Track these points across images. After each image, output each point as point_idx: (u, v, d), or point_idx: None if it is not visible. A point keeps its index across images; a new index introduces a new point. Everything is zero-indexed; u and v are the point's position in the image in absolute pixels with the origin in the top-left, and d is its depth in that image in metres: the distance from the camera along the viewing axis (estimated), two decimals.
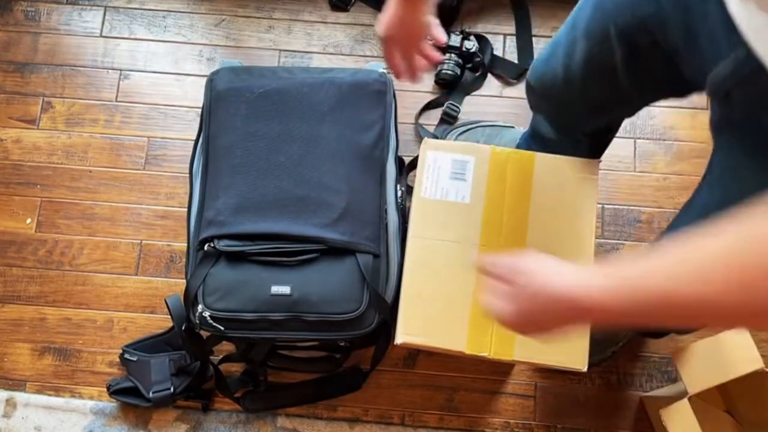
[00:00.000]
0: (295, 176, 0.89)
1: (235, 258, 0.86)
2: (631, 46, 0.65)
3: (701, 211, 0.68)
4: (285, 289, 0.84)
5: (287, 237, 0.86)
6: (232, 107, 0.92)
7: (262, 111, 0.92)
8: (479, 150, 0.88)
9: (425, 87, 1.26)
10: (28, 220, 1.20)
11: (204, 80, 0.97)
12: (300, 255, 0.86)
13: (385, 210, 0.92)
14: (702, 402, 0.94)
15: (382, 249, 0.89)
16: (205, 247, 0.87)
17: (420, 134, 1.21)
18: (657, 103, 1.23)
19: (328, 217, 0.87)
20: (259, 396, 1.07)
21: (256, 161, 0.90)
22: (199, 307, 0.85)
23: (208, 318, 0.85)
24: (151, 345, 1.09)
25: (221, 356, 1.07)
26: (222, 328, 0.86)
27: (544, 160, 0.87)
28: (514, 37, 1.28)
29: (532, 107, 0.94)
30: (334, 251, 0.86)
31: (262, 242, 0.86)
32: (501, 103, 1.24)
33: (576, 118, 0.87)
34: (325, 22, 1.29)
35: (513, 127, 1.19)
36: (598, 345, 1.05)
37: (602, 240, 1.17)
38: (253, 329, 0.86)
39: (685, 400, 0.87)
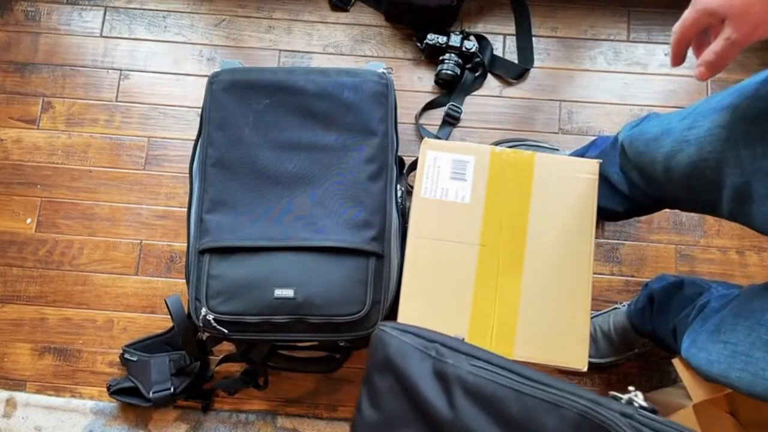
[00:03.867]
0: (302, 186, 0.89)
1: (238, 256, 0.87)
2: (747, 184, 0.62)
3: None
4: (288, 293, 0.84)
5: (292, 247, 0.87)
6: (239, 117, 0.92)
7: (268, 122, 0.92)
8: (479, 150, 0.88)
9: (425, 87, 1.26)
10: (28, 220, 1.20)
11: (204, 80, 0.97)
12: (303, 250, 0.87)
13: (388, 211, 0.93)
14: (706, 404, 0.94)
15: (386, 250, 0.90)
16: (207, 253, 0.88)
17: (420, 134, 1.22)
18: (657, 101, 1.23)
19: (333, 221, 0.87)
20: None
21: (263, 171, 0.90)
22: (203, 310, 0.85)
23: (212, 321, 0.85)
24: (151, 345, 1.10)
25: (221, 356, 1.07)
26: (226, 332, 0.86)
27: (544, 160, 0.87)
28: (514, 37, 1.28)
29: (619, 162, 0.90)
30: (338, 252, 0.86)
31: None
32: (501, 103, 1.25)
33: (657, 193, 0.84)
34: (325, 22, 1.29)
35: (557, 150, 1.18)
36: (615, 349, 1.04)
37: (602, 240, 1.17)
38: (257, 332, 0.86)
39: (690, 408, 0.87)
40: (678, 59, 0.63)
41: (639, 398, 0.54)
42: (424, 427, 0.60)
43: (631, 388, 0.55)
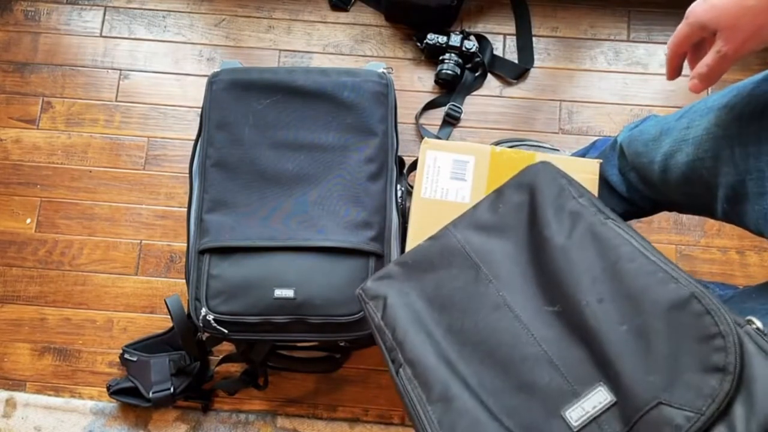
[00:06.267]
0: (302, 186, 0.89)
1: (238, 256, 0.87)
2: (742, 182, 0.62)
3: None
4: (289, 293, 0.84)
5: (292, 247, 0.87)
6: (239, 117, 0.92)
7: (268, 122, 0.92)
8: (479, 150, 0.88)
9: (425, 87, 1.26)
10: (28, 220, 1.20)
11: (204, 80, 0.97)
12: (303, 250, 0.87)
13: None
14: None
15: (386, 250, 0.90)
16: (207, 253, 0.88)
17: (420, 134, 1.22)
18: (658, 101, 1.23)
19: (332, 220, 0.87)
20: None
21: (263, 171, 0.90)
22: (203, 311, 0.85)
23: (212, 321, 0.85)
24: (151, 345, 1.10)
25: (221, 356, 1.07)
26: (226, 332, 0.86)
27: (544, 160, 0.87)
28: (514, 37, 1.28)
29: (618, 163, 0.90)
30: (338, 252, 0.86)
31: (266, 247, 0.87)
32: (501, 103, 1.25)
33: (655, 195, 0.84)
34: (325, 22, 1.29)
35: (558, 150, 1.18)
36: None
37: None
38: (257, 332, 0.86)
39: None
40: (673, 73, 0.64)
41: (757, 322, 0.50)
42: (527, 245, 0.62)
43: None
